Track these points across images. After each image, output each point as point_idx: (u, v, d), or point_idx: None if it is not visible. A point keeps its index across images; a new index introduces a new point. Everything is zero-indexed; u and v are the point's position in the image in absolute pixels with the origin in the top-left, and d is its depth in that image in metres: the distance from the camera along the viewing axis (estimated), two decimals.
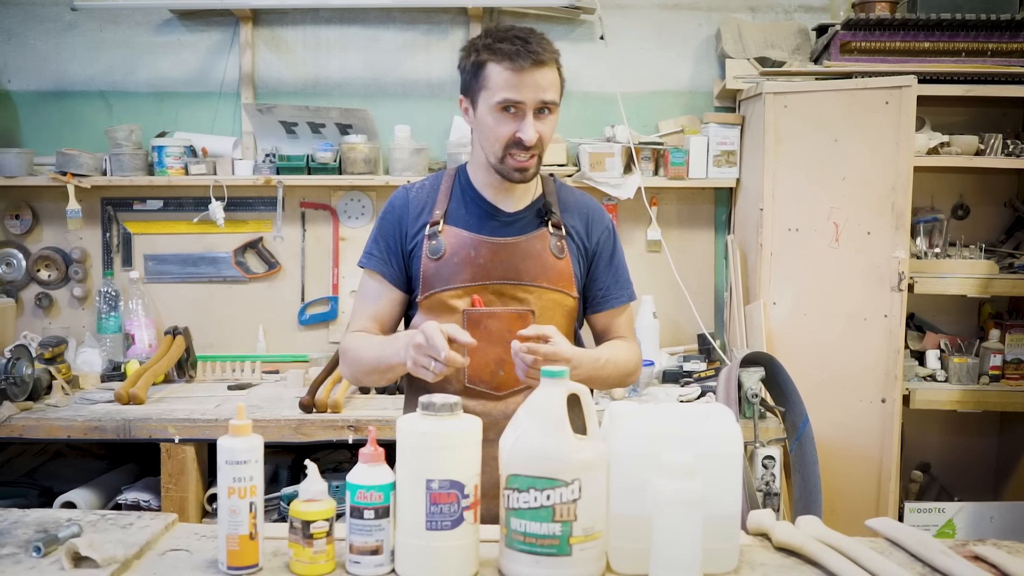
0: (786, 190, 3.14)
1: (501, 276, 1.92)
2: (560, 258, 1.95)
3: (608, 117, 3.56)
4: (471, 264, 1.92)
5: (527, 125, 1.84)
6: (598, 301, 2.02)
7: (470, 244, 1.93)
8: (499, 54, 1.83)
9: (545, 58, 1.83)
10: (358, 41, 3.62)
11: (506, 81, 1.83)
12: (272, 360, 3.56)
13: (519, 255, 1.93)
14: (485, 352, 1.89)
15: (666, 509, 1.34)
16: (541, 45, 1.84)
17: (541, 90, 1.84)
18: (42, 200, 3.61)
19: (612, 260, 2.04)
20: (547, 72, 1.84)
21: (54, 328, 3.61)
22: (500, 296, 1.93)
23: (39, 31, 3.63)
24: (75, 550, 1.42)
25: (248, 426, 1.45)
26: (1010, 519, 3.24)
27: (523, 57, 1.81)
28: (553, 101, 1.86)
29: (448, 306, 1.92)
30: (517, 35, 1.84)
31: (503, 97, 1.83)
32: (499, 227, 1.95)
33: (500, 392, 1.92)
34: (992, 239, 3.56)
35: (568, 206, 2.01)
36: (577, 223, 2.00)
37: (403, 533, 1.42)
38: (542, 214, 1.97)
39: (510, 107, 1.84)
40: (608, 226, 2.05)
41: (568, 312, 1.97)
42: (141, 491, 2.94)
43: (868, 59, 3.23)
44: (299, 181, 3.47)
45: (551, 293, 1.93)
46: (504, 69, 1.83)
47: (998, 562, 1.48)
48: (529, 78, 1.82)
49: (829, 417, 3.04)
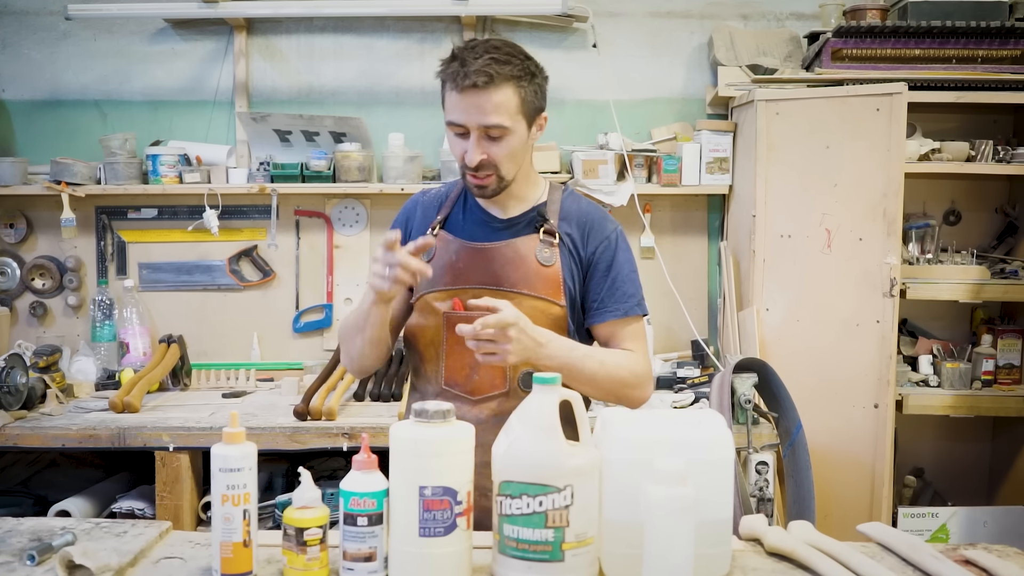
0: (778, 197, 3.15)
1: (480, 281, 1.92)
2: (547, 266, 1.92)
3: (601, 124, 3.57)
4: (452, 268, 1.93)
5: (470, 148, 1.83)
6: (593, 312, 1.96)
7: (453, 248, 1.95)
8: (446, 74, 1.82)
9: (484, 82, 1.77)
10: (352, 50, 3.63)
11: (451, 103, 1.83)
12: (266, 368, 3.56)
13: (498, 260, 1.93)
14: (461, 355, 1.89)
15: (658, 515, 1.34)
16: (487, 67, 1.77)
17: (482, 114, 1.80)
18: (36, 209, 3.62)
19: (610, 271, 1.95)
20: (492, 95, 1.78)
21: (48, 337, 3.61)
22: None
23: (33, 40, 3.64)
24: (69, 558, 1.42)
25: (242, 434, 1.45)
26: (1003, 524, 3.25)
27: (462, 79, 1.78)
28: (498, 125, 1.81)
29: (432, 308, 1.94)
30: (466, 56, 1.80)
31: (448, 118, 1.84)
32: (491, 233, 1.96)
33: (475, 396, 1.92)
34: (984, 245, 3.57)
35: (569, 215, 1.98)
36: (574, 231, 1.96)
37: (396, 540, 1.42)
38: (535, 221, 1.97)
39: (457, 128, 1.84)
40: (609, 236, 1.97)
41: (554, 321, 1.91)
42: (135, 499, 2.94)
43: (859, 66, 3.25)
44: (293, 189, 3.48)
45: (533, 300, 1.90)
46: (451, 90, 1.82)
47: (988, 566, 1.49)
48: (470, 101, 1.79)
49: (822, 423, 3.05)
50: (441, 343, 1.94)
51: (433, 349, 1.95)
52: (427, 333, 1.96)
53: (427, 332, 1.96)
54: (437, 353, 1.95)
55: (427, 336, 1.96)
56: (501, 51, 1.82)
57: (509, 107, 1.82)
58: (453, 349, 1.91)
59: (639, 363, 1.94)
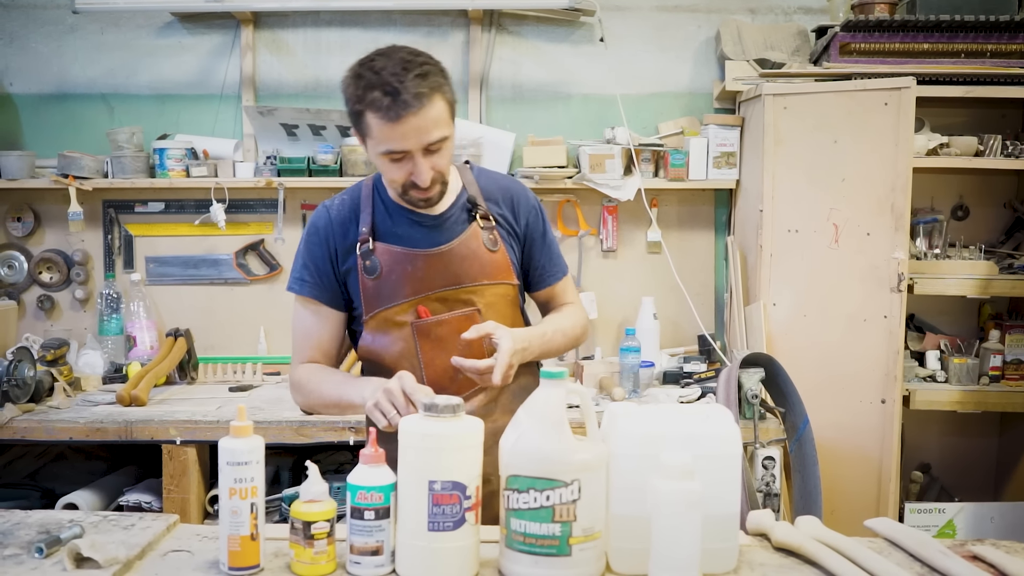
0: (786, 191, 3.15)
1: (442, 284, 1.92)
2: (494, 251, 1.96)
3: (608, 119, 3.56)
4: (411, 279, 1.91)
5: (419, 168, 1.78)
6: (536, 280, 2.07)
7: (405, 259, 1.91)
8: (374, 106, 1.73)
9: (422, 103, 1.72)
10: (359, 43, 3.62)
11: (386, 133, 1.75)
12: (273, 362, 3.56)
13: (456, 260, 1.92)
14: (442, 359, 1.90)
15: (665, 509, 1.34)
16: (418, 87, 1.72)
17: (425, 134, 1.75)
18: (44, 202, 3.62)
19: (544, 238, 2.06)
20: (428, 112, 1.74)
21: (56, 330, 3.62)
22: (445, 302, 1.93)
23: (41, 34, 3.64)
24: (77, 551, 1.43)
25: (249, 427, 1.45)
26: (1010, 519, 3.24)
27: (398, 108, 1.71)
28: (440, 138, 1.78)
29: (395, 322, 1.93)
30: (389, 81, 1.71)
31: (385, 148, 1.77)
32: (428, 232, 1.93)
33: (462, 394, 1.91)
34: (992, 240, 3.56)
35: (491, 193, 2.01)
36: (504, 209, 2.01)
37: (404, 534, 1.42)
38: (468, 209, 1.97)
39: (395, 155, 1.78)
40: (534, 205, 2.05)
41: (512, 301, 2.01)
42: (143, 492, 2.95)
43: (867, 60, 3.23)
44: (300, 183, 3.47)
45: (493, 288, 1.96)
46: (381, 121, 1.74)
47: (996, 562, 1.48)
48: (408, 126, 1.73)
49: (829, 418, 3.04)
50: (415, 354, 1.92)
51: (406, 362, 1.92)
52: (393, 349, 1.93)
53: (393, 348, 1.93)
54: (411, 365, 1.91)
55: (394, 351, 1.93)
56: (417, 64, 1.75)
57: (444, 117, 1.79)
58: (431, 356, 1.92)
59: (580, 314, 2.10)
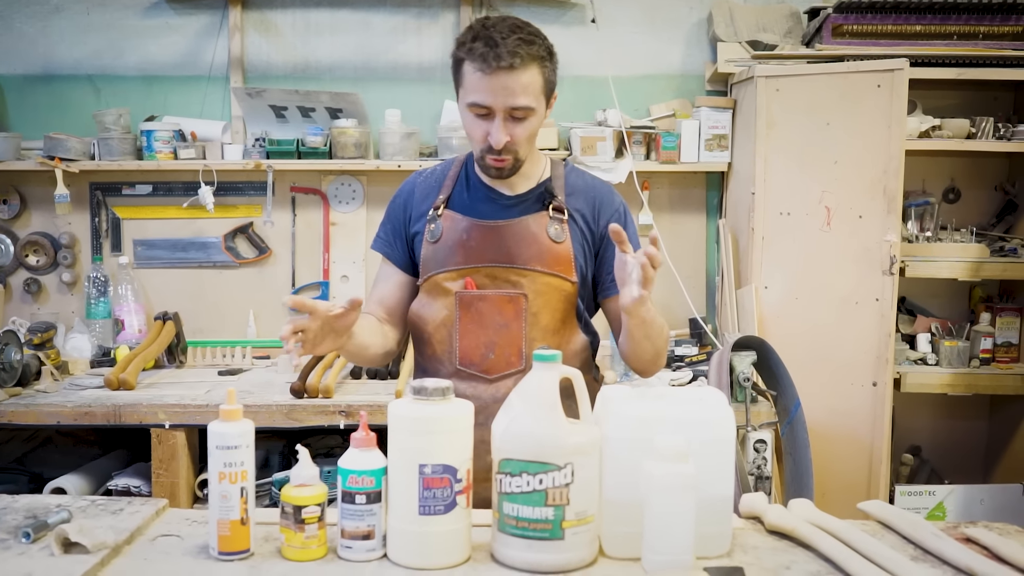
0: (778, 174, 3.14)
1: (492, 259, 1.91)
2: (558, 242, 1.92)
3: (599, 101, 3.54)
4: (463, 247, 1.91)
5: (496, 129, 1.80)
6: (608, 285, 1.96)
7: (464, 227, 1.92)
8: (472, 54, 1.77)
9: (516, 63, 1.75)
10: (348, 24, 3.60)
11: (476, 84, 1.78)
12: (263, 345, 3.55)
13: (512, 238, 1.91)
14: (476, 334, 1.89)
15: (659, 493, 1.34)
16: (517, 47, 1.76)
17: (511, 95, 1.78)
18: (30, 185, 3.59)
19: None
20: (520, 75, 1.77)
21: (43, 314, 3.59)
22: (493, 279, 1.92)
23: (25, 14, 3.59)
24: (65, 536, 1.42)
25: (239, 411, 1.44)
26: (1000, 501, 3.26)
27: (492, 60, 1.75)
28: (525, 106, 1.80)
29: (443, 288, 1.92)
30: (493, 35, 1.76)
31: (472, 100, 1.80)
32: (498, 210, 1.94)
33: (490, 375, 1.90)
34: (983, 223, 3.56)
35: (576, 190, 1.98)
36: (583, 207, 1.96)
37: (395, 518, 1.41)
38: (543, 197, 1.95)
39: (479, 110, 1.81)
40: (619, 209, 2.00)
41: (566, 297, 1.93)
42: (131, 477, 2.93)
43: (860, 42, 3.22)
44: (289, 165, 3.45)
45: (546, 277, 1.91)
46: (475, 70, 1.77)
47: (989, 544, 1.48)
48: (498, 82, 1.76)
49: (820, 401, 3.05)
50: (454, 323, 1.91)
51: (444, 330, 1.92)
52: (437, 316, 1.93)
53: (437, 315, 1.93)
54: (449, 334, 1.92)
55: (437, 319, 1.93)
56: (525, 31, 1.80)
57: (535, 88, 1.80)
58: (467, 329, 1.90)
59: (667, 333, 1.98)
